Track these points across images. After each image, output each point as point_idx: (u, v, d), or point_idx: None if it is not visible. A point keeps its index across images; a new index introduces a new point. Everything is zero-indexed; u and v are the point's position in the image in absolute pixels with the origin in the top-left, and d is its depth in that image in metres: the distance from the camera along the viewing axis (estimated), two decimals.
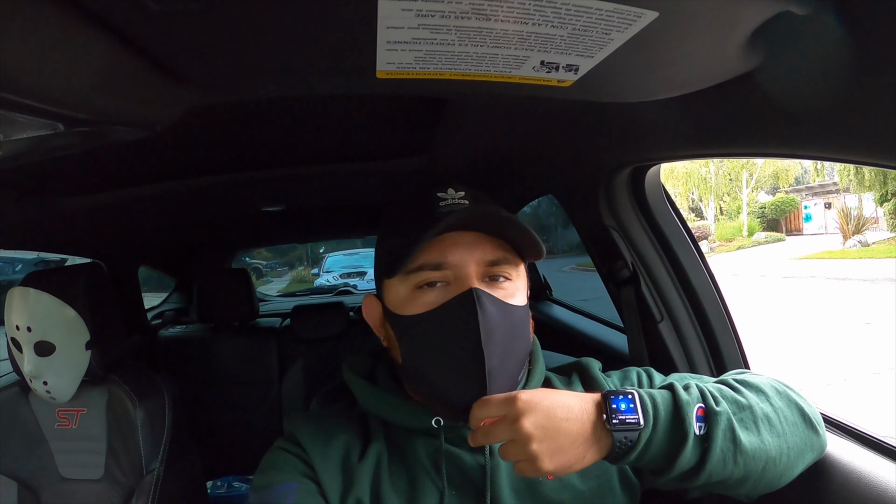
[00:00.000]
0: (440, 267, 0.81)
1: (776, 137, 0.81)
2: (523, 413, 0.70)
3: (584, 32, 0.56)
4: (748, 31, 0.62)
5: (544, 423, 0.70)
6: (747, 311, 2.11)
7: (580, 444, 0.71)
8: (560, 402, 0.73)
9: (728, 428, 0.75)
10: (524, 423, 0.70)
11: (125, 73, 0.60)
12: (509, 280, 0.84)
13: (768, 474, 0.78)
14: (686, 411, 0.74)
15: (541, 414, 0.71)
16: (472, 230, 0.82)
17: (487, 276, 0.82)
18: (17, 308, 1.66)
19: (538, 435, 0.70)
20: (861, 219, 17.69)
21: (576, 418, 0.72)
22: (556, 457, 0.70)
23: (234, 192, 1.86)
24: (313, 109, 1.18)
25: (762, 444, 0.77)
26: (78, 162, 1.31)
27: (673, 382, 0.80)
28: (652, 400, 0.75)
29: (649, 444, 0.73)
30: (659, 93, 0.81)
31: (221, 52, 0.60)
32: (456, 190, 0.86)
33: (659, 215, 1.30)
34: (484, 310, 0.78)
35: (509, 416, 0.71)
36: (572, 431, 0.71)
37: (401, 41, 0.55)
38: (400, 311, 0.84)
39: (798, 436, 0.81)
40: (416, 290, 0.82)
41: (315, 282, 10.13)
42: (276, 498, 0.80)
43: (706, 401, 0.77)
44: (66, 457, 1.80)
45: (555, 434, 0.70)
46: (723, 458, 0.74)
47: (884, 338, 7.14)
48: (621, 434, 0.72)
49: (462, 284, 0.80)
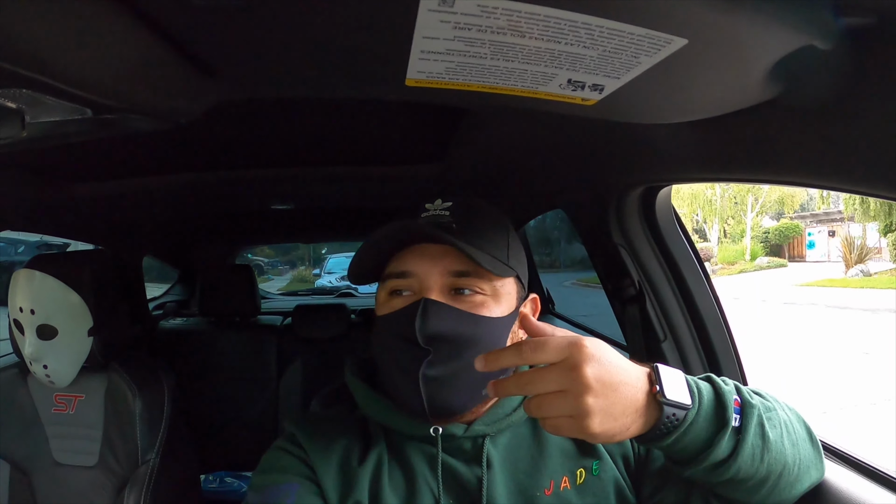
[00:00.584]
0: (404, 276, 0.83)
1: (788, 166, 0.81)
2: (588, 361, 0.63)
3: (613, 55, 0.57)
4: (770, 63, 0.62)
5: (606, 378, 0.63)
6: (747, 335, 2.12)
7: (630, 413, 0.66)
8: (620, 360, 0.67)
9: (759, 423, 0.74)
10: (587, 370, 0.62)
11: (158, 64, 0.60)
12: (480, 293, 0.83)
13: (782, 481, 0.78)
14: (727, 399, 0.72)
15: (605, 367, 0.64)
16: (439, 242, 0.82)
17: (453, 288, 0.83)
18: (21, 290, 1.67)
19: (598, 388, 0.63)
20: (864, 248, 17.67)
21: (632, 384, 0.66)
22: (607, 420, 0.64)
23: (246, 187, 1.86)
24: (331, 111, 1.19)
25: (783, 447, 0.76)
26: (94, 149, 1.31)
27: (709, 374, 0.78)
28: (695, 383, 0.73)
29: (691, 427, 0.69)
30: (677, 116, 0.82)
31: (256, 50, 0.61)
32: (444, 200, 0.87)
33: (668, 235, 1.31)
34: (426, 319, 0.79)
35: (570, 362, 0.63)
36: (628, 396, 0.65)
37: (435, 51, 0.56)
38: (377, 312, 0.87)
39: (807, 450, 0.81)
40: (389, 296, 0.85)
41: (316, 282, 10.11)
42: (277, 498, 0.80)
43: (741, 394, 0.76)
44: (61, 442, 1.80)
45: (613, 393, 0.64)
46: (752, 452, 0.73)
47: (882, 369, 7.13)
48: (671, 410, 0.67)
49: (422, 294, 0.82)
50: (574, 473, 0.89)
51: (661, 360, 1.29)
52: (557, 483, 0.87)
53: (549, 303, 2.64)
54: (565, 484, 0.87)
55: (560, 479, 0.87)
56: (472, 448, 0.86)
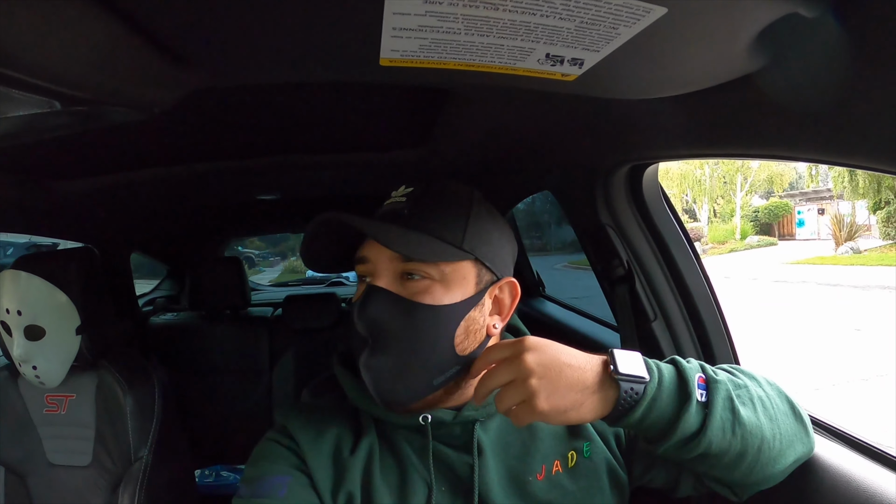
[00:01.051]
0: (362, 262, 0.85)
1: (776, 139, 0.81)
2: (528, 350, 0.73)
3: (591, 26, 0.56)
4: (755, 32, 0.61)
5: (546, 361, 0.72)
6: (738, 313, 2.13)
7: (579, 391, 0.72)
8: (566, 350, 0.75)
9: (727, 398, 0.77)
10: (527, 357, 0.72)
11: (126, 52, 0.59)
12: (426, 278, 0.82)
13: (763, 456, 0.79)
14: (689, 375, 0.77)
15: (546, 354, 0.73)
16: (364, 233, 0.82)
17: (404, 273, 0.82)
18: (7, 291, 1.64)
19: (539, 371, 0.71)
20: (854, 226, 17.76)
21: (579, 366, 0.74)
22: (553, 397, 0.71)
23: (229, 178, 1.85)
24: (312, 98, 1.18)
25: (758, 421, 0.78)
26: (73, 145, 1.30)
27: (673, 357, 0.82)
28: (656, 363, 0.78)
29: (654, 403, 0.74)
30: (662, 90, 0.80)
31: (223, 35, 0.59)
32: (406, 187, 0.89)
33: (656, 214, 1.30)
34: (365, 307, 0.80)
35: (513, 353, 0.74)
36: (573, 377, 0.73)
37: (407, 28, 0.55)
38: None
39: (789, 425, 0.82)
40: (360, 282, 0.87)
41: (307, 272, 10.10)
42: (269, 490, 0.79)
43: (705, 371, 0.80)
44: (55, 442, 1.78)
45: (556, 374, 0.72)
46: (722, 426, 0.75)
47: (873, 344, 7.19)
48: (627, 385, 0.73)
49: (374, 281, 0.83)
50: (566, 456, 0.89)
51: (651, 340, 1.30)
52: (549, 467, 0.87)
53: (539, 285, 2.64)
54: (557, 467, 0.88)
55: (552, 462, 0.88)
56: (463, 434, 0.86)
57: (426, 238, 0.81)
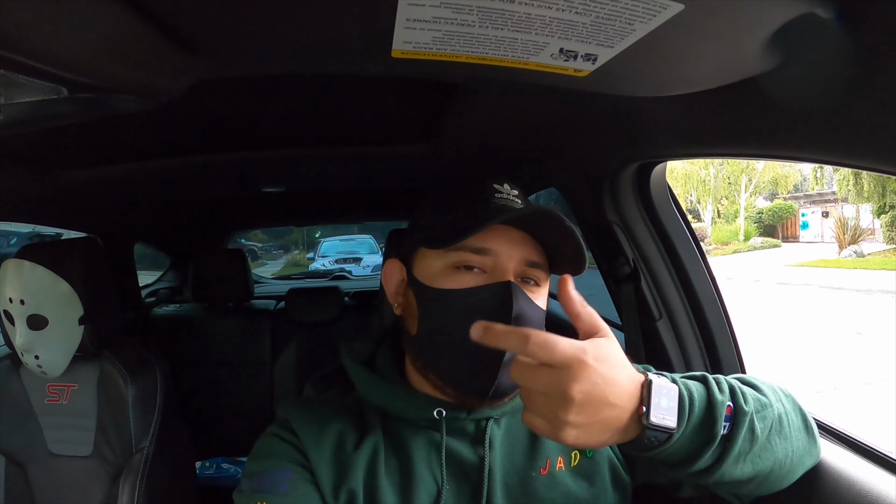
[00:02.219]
0: (483, 252, 0.81)
1: (785, 139, 0.80)
2: (581, 379, 0.62)
3: (607, 21, 0.55)
4: (769, 32, 0.61)
5: (595, 397, 0.63)
6: (740, 315, 2.14)
7: (608, 431, 0.65)
8: (617, 381, 0.65)
9: (749, 429, 0.73)
10: (574, 387, 0.61)
11: (134, 39, 0.58)
12: (538, 286, 0.85)
13: (773, 476, 0.78)
14: (719, 412, 0.71)
15: (597, 387, 0.63)
16: (524, 229, 0.82)
17: (522, 276, 0.83)
18: (10, 280, 1.64)
19: (581, 405, 0.62)
20: (858, 229, 17.76)
21: (620, 405, 0.65)
22: (582, 435, 0.64)
23: (235, 170, 1.84)
24: (320, 90, 1.17)
25: (773, 446, 0.76)
26: (79, 134, 1.29)
27: (706, 375, 0.76)
28: (689, 396, 0.71)
29: (676, 442, 0.69)
30: (673, 89, 0.80)
31: (234, 24, 0.58)
32: (511, 187, 0.87)
33: (663, 213, 1.30)
34: (518, 303, 0.78)
35: (565, 373, 0.62)
36: (611, 417, 0.65)
37: (421, 19, 0.54)
38: (430, 283, 0.83)
39: (801, 441, 0.81)
40: (451, 268, 0.82)
41: (310, 266, 10.12)
42: (270, 485, 0.78)
43: (735, 399, 0.74)
44: (56, 432, 1.78)
45: (597, 413, 0.63)
46: (739, 456, 0.72)
47: (875, 349, 7.18)
48: (653, 433, 0.67)
49: (499, 276, 0.80)
50: (569, 454, 0.89)
51: (655, 340, 1.29)
52: (553, 463, 0.87)
53: None
54: (560, 464, 0.88)
55: (556, 459, 0.88)
56: (476, 430, 0.86)
57: None
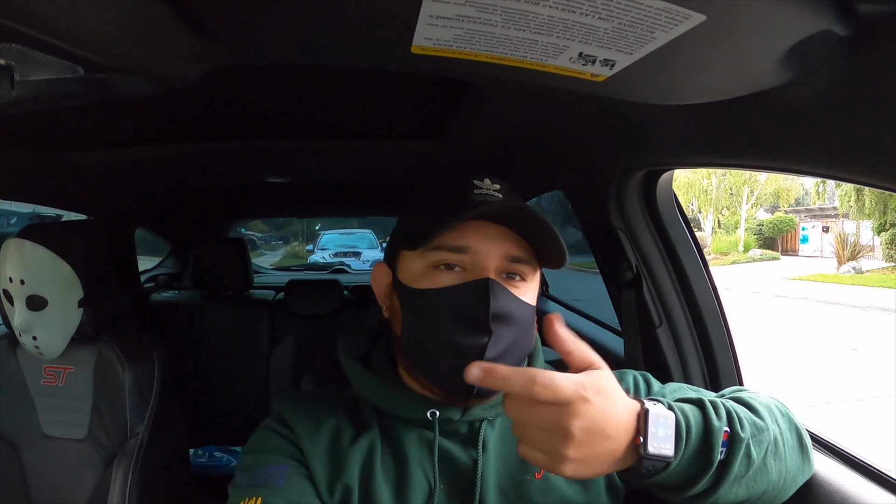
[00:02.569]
0: (461, 251, 0.80)
1: (794, 153, 0.80)
2: (581, 416, 0.62)
3: (629, 28, 0.55)
4: (786, 46, 0.61)
5: (593, 432, 0.63)
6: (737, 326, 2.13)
7: (605, 463, 0.66)
8: (614, 415, 0.65)
9: (746, 454, 0.73)
10: (573, 424, 0.62)
11: (154, 22, 0.58)
12: (524, 281, 0.84)
13: (766, 497, 0.78)
14: (716, 439, 0.71)
15: (596, 423, 0.63)
16: (502, 224, 0.82)
17: (505, 272, 0.82)
18: (11, 260, 1.64)
19: (580, 441, 0.63)
20: (857, 246, 17.81)
21: (617, 437, 0.65)
22: (581, 468, 0.64)
23: (241, 159, 1.84)
24: (328, 82, 1.17)
25: (767, 468, 0.76)
26: (85, 117, 1.29)
27: (703, 399, 0.76)
28: (686, 423, 0.71)
29: (670, 472, 0.69)
30: (687, 98, 0.80)
31: (255, 12, 0.58)
32: (492, 181, 0.85)
33: (668, 221, 1.30)
34: (496, 300, 0.77)
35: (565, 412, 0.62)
36: (609, 451, 0.65)
37: (444, 16, 0.54)
38: (411, 284, 0.83)
39: (795, 461, 0.81)
40: (431, 268, 0.81)
41: (309, 258, 10.12)
42: (265, 480, 0.78)
43: (732, 425, 0.74)
44: (50, 414, 1.78)
45: (595, 448, 0.64)
46: (734, 481, 0.73)
47: (870, 365, 7.19)
48: (650, 463, 0.67)
49: (479, 273, 0.79)
50: None
51: (655, 347, 1.29)
52: None
53: (543, 285, 2.63)
54: None
55: None
56: (469, 432, 0.86)
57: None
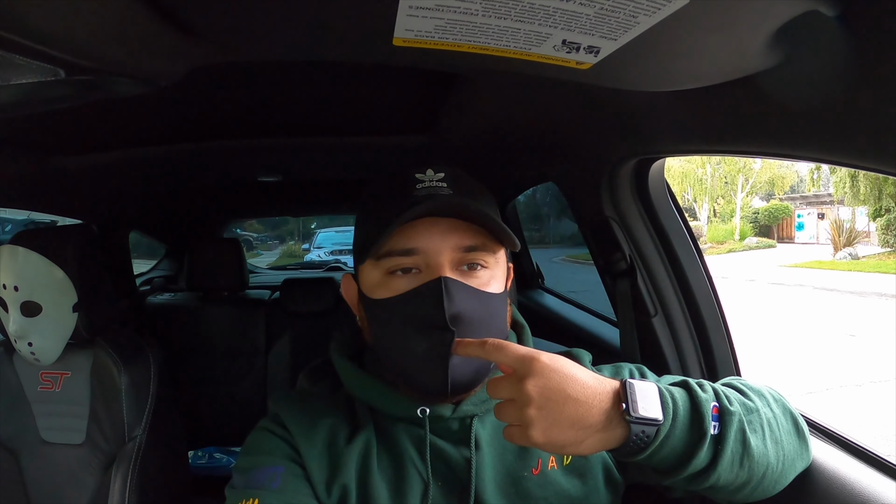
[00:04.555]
0: (410, 253, 0.79)
1: (785, 137, 0.80)
2: (533, 374, 0.66)
3: (611, 13, 0.55)
4: (773, 28, 0.60)
5: (550, 393, 0.66)
6: (734, 314, 2.14)
7: (581, 428, 0.67)
8: (577, 379, 0.68)
9: (739, 429, 0.73)
10: (528, 384, 0.66)
11: (133, 21, 0.57)
12: (485, 268, 0.82)
13: (765, 481, 0.78)
14: (704, 408, 0.72)
15: (552, 381, 0.66)
16: (448, 216, 0.80)
17: (463, 264, 0.80)
18: (4, 266, 1.64)
19: (539, 402, 0.66)
20: (853, 232, 17.84)
21: (586, 401, 0.67)
22: (551, 430, 0.66)
23: (231, 159, 1.84)
24: (317, 78, 1.17)
25: (765, 449, 0.76)
26: (75, 120, 1.29)
27: (686, 379, 0.77)
28: (671, 394, 0.72)
29: (665, 442, 0.70)
30: (675, 84, 0.79)
31: (234, 8, 0.58)
32: (435, 171, 0.83)
33: (660, 210, 1.29)
34: (451, 299, 0.76)
35: (519, 373, 0.68)
36: (576, 413, 0.67)
37: (424, 7, 0.53)
38: (371, 295, 0.83)
39: (792, 444, 0.81)
40: (387, 276, 0.81)
41: (305, 257, 10.11)
42: (262, 481, 0.78)
43: (720, 399, 0.75)
44: (48, 420, 1.77)
45: (557, 407, 0.66)
46: (732, 459, 0.72)
47: (867, 351, 7.21)
48: (639, 427, 0.68)
49: (433, 272, 0.78)
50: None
51: (650, 336, 1.29)
52: (545, 462, 0.86)
53: (538, 277, 2.63)
54: (552, 463, 0.87)
55: (547, 458, 0.87)
56: (461, 429, 0.85)
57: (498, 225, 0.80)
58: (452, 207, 0.79)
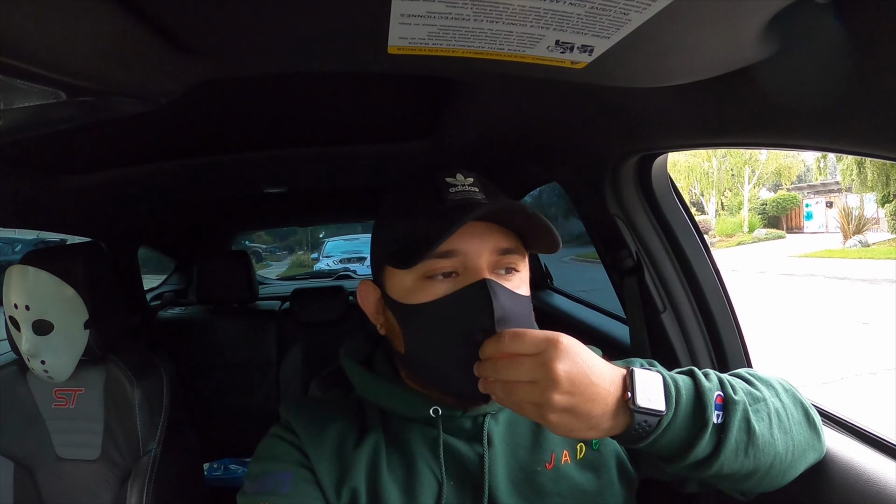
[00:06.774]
0: (450, 255, 0.77)
1: (785, 128, 0.79)
2: (562, 357, 0.65)
3: (601, 11, 0.55)
4: (766, 19, 0.60)
5: (577, 376, 0.65)
6: (746, 307, 2.10)
7: (595, 414, 0.67)
8: (596, 363, 0.68)
9: (744, 419, 0.73)
10: (558, 366, 0.65)
11: (132, 41, 0.58)
12: (517, 271, 0.82)
13: (773, 471, 0.77)
14: (707, 398, 0.72)
15: (578, 366, 0.66)
16: (487, 220, 0.79)
17: (500, 267, 0.80)
18: (15, 286, 1.66)
19: (566, 386, 0.65)
20: (862, 219, 17.73)
21: (604, 387, 0.67)
22: (568, 415, 0.66)
23: (236, 172, 1.85)
24: (318, 89, 1.17)
25: (772, 439, 0.75)
26: (81, 139, 1.30)
27: (692, 368, 0.78)
28: (675, 384, 0.73)
29: (666, 431, 0.70)
30: (672, 79, 0.79)
31: (229, 24, 0.59)
32: (465, 175, 0.83)
33: (665, 205, 1.29)
34: (498, 300, 0.75)
35: (545, 356, 0.66)
36: (596, 398, 0.67)
37: (415, 14, 0.54)
38: (405, 300, 0.81)
39: (802, 434, 0.80)
40: (423, 280, 0.79)
41: (314, 266, 10.14)
42: (272, 486, 0.79)
43: (724, 389, 0.75)
44: (63, 437, 1.79)
45: (582, 392, 0.66)
46: (736, 448, 0.73)
47: (881, 338, 7.15)
48: (642, 417, 0.68)
49: (473, 275, 0.77)
50: (574, 447, 0.88)
51: (660, 332, 1.29)
52: (558, 457, 0.86)
53: (547, 278, 2.63)
54: (566, 458, 0.87)
55: (560, 452, 0.87)
56: (473, 427, 0.85)
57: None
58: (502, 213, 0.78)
